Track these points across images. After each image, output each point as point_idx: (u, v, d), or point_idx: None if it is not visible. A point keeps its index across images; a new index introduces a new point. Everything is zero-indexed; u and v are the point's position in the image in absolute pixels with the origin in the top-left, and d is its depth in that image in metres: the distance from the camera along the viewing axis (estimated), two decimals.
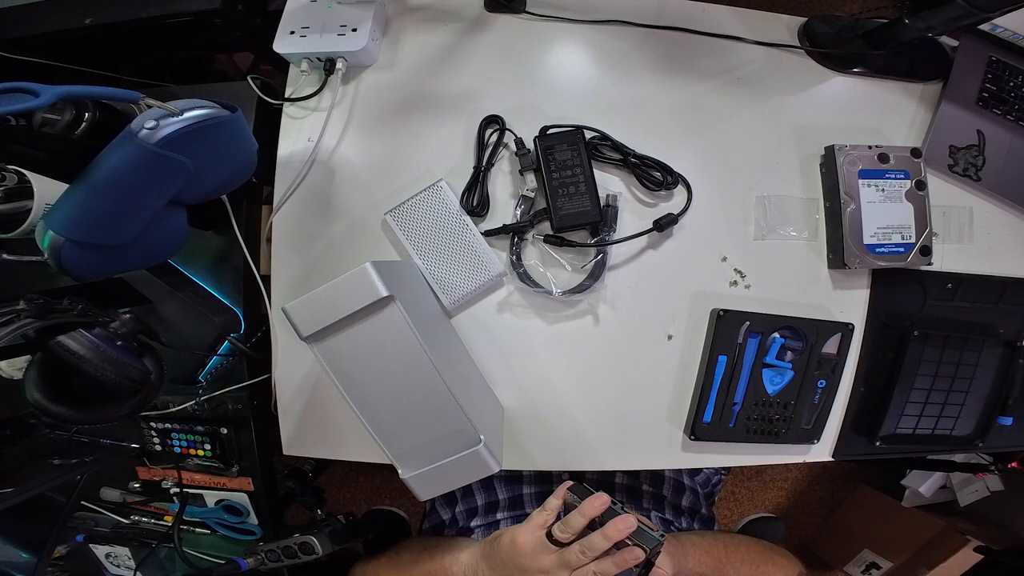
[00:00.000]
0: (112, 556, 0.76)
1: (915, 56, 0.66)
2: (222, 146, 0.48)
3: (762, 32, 0.65)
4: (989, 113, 0.65)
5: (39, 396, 0.43)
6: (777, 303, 0.62)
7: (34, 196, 0.49)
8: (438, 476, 0.46)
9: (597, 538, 0.48)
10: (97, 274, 0.46)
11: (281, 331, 0.63)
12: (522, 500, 0.70)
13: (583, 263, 0.61)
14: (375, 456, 0.60)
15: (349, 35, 0.60)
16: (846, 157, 0.61)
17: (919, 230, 0.61)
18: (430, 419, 0.46)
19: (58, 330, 0.41)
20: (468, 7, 0.65)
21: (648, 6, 0.65)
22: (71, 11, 0.63)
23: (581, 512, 0.50)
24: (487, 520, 0.70)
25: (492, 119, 0.62)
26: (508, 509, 0.70)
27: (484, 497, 0.72)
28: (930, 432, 0.65)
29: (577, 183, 0.58)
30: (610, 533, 0.47)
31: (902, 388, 0.63)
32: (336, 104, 0.62)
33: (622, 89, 0.64)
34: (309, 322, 0.42)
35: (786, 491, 1.52)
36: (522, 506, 0.70)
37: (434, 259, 0.60)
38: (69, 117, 0.45)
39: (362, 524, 0.71)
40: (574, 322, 0.62)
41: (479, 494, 0.73)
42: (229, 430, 0.65)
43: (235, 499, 0.70)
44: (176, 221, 0.48)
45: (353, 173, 0.63)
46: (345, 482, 1.51)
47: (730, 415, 0.61)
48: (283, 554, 0.62)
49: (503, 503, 0.71)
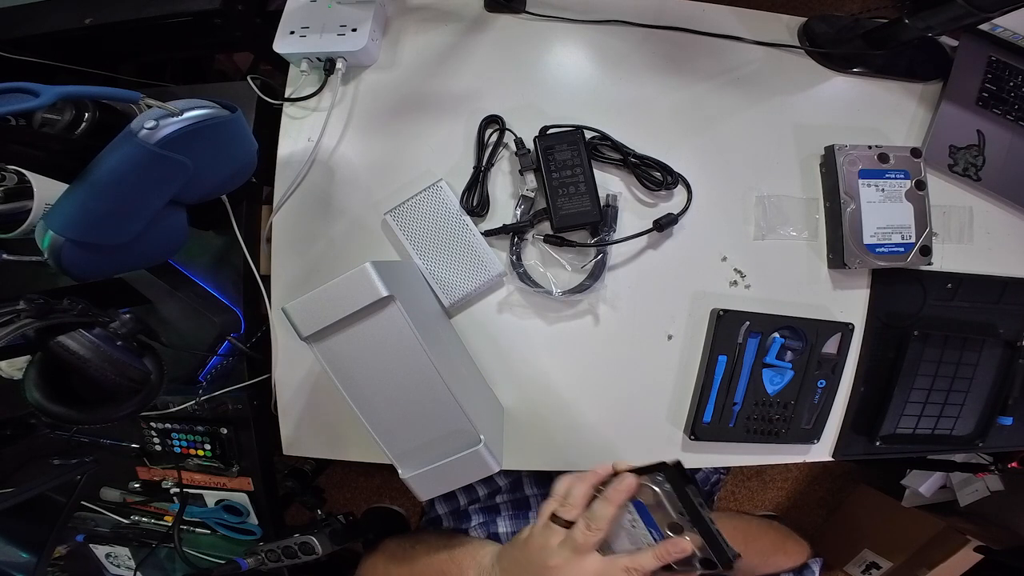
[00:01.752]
0: (112, 556, 0.76)
1: (915, 56, 0.66)
2: (222, 146, 0.48)
3: (762, 32, 0.66)
4: (989, 113, 0.65)
5: (39, 396, 0.43)
6: (777, 303, 0.62)
7: (34, 196, 0.49)
8: (438, 476, 0.46)
9: (599, 505, 0.43)
10: (97, 274, 0.46)
11: (281, 331, 0.63)
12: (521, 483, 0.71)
13: (583, 263, 0.61)
14: (375, 456, 0.60)
15: (349, 35, 0.60)
16: (846, 157, 0.61)
17: (919, 230, 0.61)
18: (430, 419, 0.46)
19: (58, 330, 0.41)
20: (468, 7, 0.65)
21: (648, 6, 0.65)
22: (71, 11, 0.63)
23: (581, 479, 0.45)
24: (487, 504, 0.71)
25: (492, 119, 0.62)
26: (509, 492, 0.71)
27: (485, 489, 0.73)
28: (930, 432, 0.65)
29: (577, 183, 0.58)
30: (611, 496, 0.42)
31: (902, 388, 0.63)
32: (336, 104, 0.62)
33: (622, 89, 0.64)
34: (309, 322, 0.42)
35: (786, 491, 1.52)
36: (521, 488, 0.71)
37: (434, 259, 0.60)
38: (69, 117, 0.45)
39: (362, 524, 0.71)
40: (574, 322, 0.62)
41: (480, 488, 0.73)
42: (229, 430, 0.65)
43: (235, 499, 0.70)
44: (176, 221, 0.48)
45: (353, 173, 0.63)
46: (345, 482, 1.51)
47: (730, 415, 0.61)
48: (283, 554, 0.62)
49: (504, 487, 0.71)
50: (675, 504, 0.44)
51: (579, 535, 0.43)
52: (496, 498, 0.72)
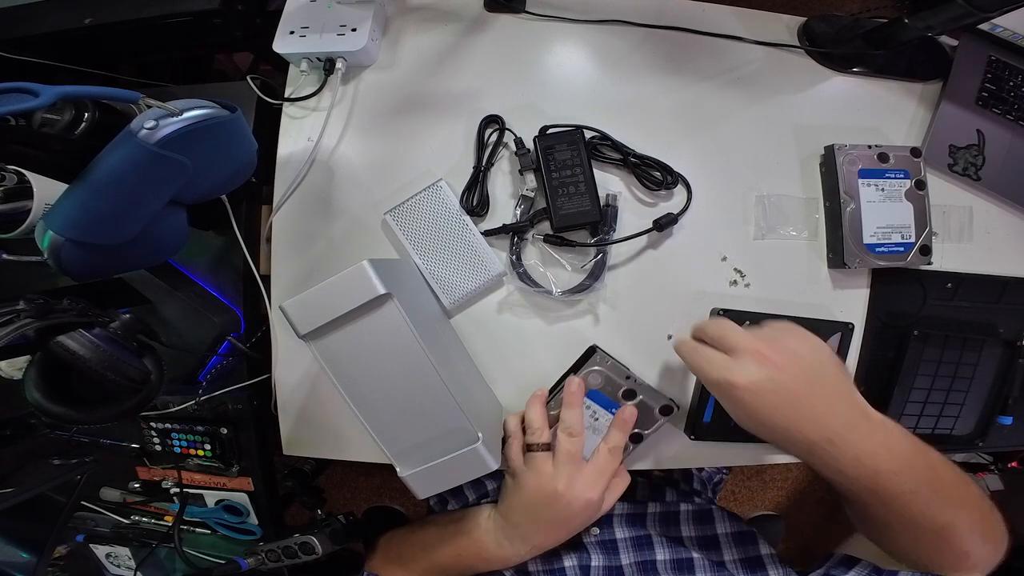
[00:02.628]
0: (112, 556, 0.76)
1: (915, 56, 0.66)
2: (222, 146, 0.48)
3: (762, 32, 0.65)
4: (989, 113, 0.65)
5: (39, 396, 0.43)
6: (777, 303, 0.62)
7: (34, 196, 0.49)
8: (436, 474, 0.46)
9: (565, 413, 0.47)
10: (97, 274, 0.46)
11: (281, 331, 0.63)
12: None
13: (583, 263, 0.61)
14: (374, 456, 0.60)
15: (349, 35, 0.60)
16: (846, 157, 0.61)
17: (919, 230, 0.61)
18: (428, 417, 0.46)
19: (58, 330, 0.41)
20: (468, 7, 0.65)
21: (648, 6, 0.65)
22: (71, 11, 0.63)
23: (530, 406, 0.50)
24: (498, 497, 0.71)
25: (492, 119, 0.62)
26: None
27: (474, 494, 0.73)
28: (930, 431, 0.65)
29: (577, 183, 0.58)
30: (569, 400, 0.47)
31: (902, 388, 0.63)
32: (336, 104, 0.62)
33: (622, 89, 0.64)
34: (307, 320, 0.42)
35: (786, 490, 1.52)
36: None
37: (434, 259, 0.60)
38: (69, 117, 0.45)
39: (362, 524, 0.71)
40: (574, 322, 0.62)
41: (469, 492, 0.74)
42: (229, 430, 0.65)
43: (235, 499, 0.70)
44: (176, 221, 0.48)
45: (353, 173, 0.63)
46: (345, 482, 1.51)
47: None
48: (283, 554, 0.62)
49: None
50: (619, 371, 0.56)
51: (566, 445, 0.47)
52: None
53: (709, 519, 0.62)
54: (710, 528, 0.61)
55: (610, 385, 0.57)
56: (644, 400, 0.57)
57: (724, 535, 0.60)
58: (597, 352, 0.57)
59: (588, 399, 0.56)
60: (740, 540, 0.59)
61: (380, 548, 0.63)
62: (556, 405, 0.56)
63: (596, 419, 0.57)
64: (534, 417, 0.52)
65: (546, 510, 0.49)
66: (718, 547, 0.59)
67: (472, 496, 0.74)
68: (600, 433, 0.56)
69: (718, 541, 0.59)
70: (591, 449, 0.55)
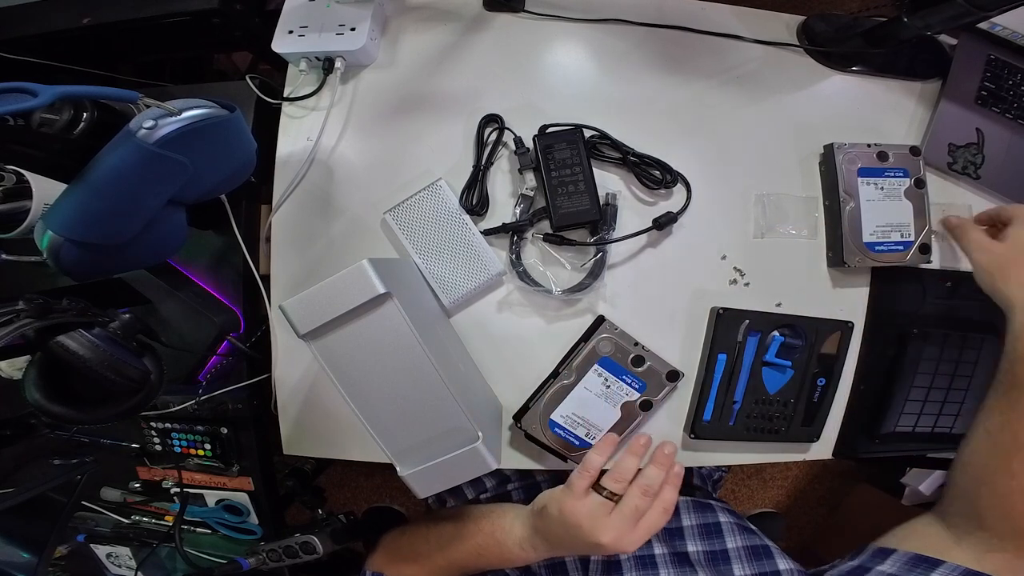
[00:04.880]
0: (113, 556, 0.76)
1: (914, 54, 0.66)
2: (221, 146, 0.48)
3: (761, 31, 0.65)
4: (988, 111, 0.65)
5: (39, 396, 0.42)
6: (776, 301, 0.62)
7: (33, 196, 0.49)
8: (436, 473, 0.46)
9: (651, 471, 0.46)
10: (96, 274, 0.46)
11: (281, 331, 0.63)
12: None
13: (583, 262, 0.61)
14: (375, 455, 0.60)
15: (348, 34, 0.60)
16: (845, 155, 0.61)
17: (918, 228, 0.61)
18: (428, 416, 0.46)
19: (58, 330, 0.41)
20: (467, 6, 0.65)
21: (648, 5, 0.65)
22: (69, 11, 0.62)
23: (631, 451, 0.48)
24: (499, 492, 0.72)
25: (491, 118, 0.62)
26: (519, 479, 0.72)
27: (473, 490, 0.74)
28: (930, 430, 0.65)
29: (576, 182, 0.58)
30: (660, 459, 0.46)
31: (902, 386, 0.63)
32: (335, 103, 0.62)
33: (621, 88, 0.64)
34: (306, 319, 0.42)
35: (786, 489, 1.52)
36: (531, 475, 0.72)
37: (434, 258, 0.60)
38: (67, 117, 0.45)
39: (363, 523, 0.71)
40: (574, 321, 0.62)
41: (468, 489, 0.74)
42: (229, 430, 0.65)
43: (235, 499, 0.70)
44: (175, 221, 0.48)
45: (352, 172, 0.63)
46: (345, 482, 1.51)
47: (730, 413, 0.61)
48: (284, 553, 0.62)
49: (512, 475, 0.72)
50: (627, 339, 0.58)
51: (636, 502, 0.46)
52: (508, 486, 0.72)
53: (710, 510, 0.62)
54: (711, 515, 0.62)
55: (620, 352, 0.58)
56: (652, 366, 0.59)
57: (728, 524, 0.61)
58: (606, 321, 0.59)
59: (599, 366, 0.59)
60: (742, 531, 0.60)
61: (385, 546, 0.63)
62: (568, 375, 0.59)
63: (608, 386, 0.59)
64: (627, 467, 0.50)
65: (583, 546, 0.50)
66: (720, 535, 0.59)
67: (471, 494, 0.74)
68: (612, 400, 0.59)
69: (721, 529, 0.60)
70: (604, 416, 0.58)
